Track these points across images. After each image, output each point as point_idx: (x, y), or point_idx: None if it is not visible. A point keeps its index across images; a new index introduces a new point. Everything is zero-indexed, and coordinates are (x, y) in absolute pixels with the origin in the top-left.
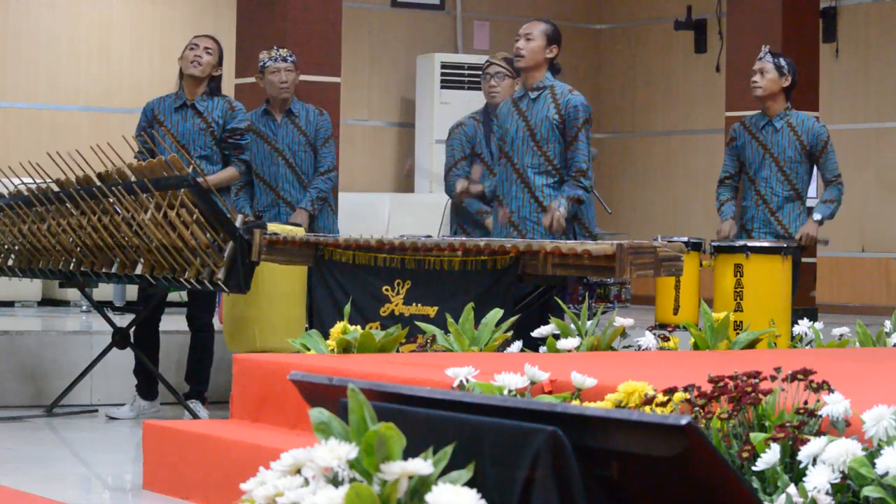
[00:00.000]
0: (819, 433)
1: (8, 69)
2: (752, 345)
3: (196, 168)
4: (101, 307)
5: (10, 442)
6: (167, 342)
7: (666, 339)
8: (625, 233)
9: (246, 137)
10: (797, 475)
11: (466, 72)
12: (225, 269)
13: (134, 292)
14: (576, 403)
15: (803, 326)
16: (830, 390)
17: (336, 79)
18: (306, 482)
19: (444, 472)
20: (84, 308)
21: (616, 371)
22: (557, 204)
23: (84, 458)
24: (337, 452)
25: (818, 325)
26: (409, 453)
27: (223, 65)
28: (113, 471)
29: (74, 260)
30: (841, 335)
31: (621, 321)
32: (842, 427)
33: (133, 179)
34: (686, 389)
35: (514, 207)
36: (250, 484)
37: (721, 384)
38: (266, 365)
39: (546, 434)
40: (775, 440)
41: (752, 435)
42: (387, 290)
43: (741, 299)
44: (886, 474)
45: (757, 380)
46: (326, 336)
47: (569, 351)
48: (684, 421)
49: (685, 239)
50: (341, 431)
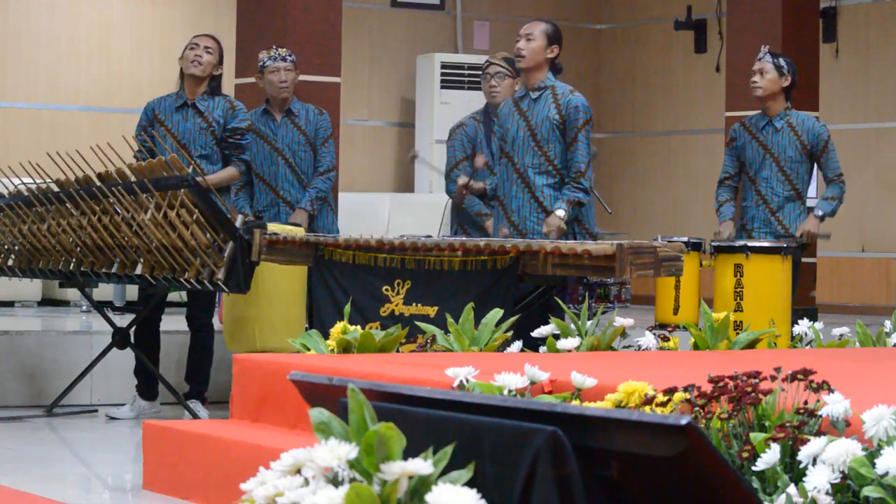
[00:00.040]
0: (819, 433)
1: (8, 69)
2: (752, 345)
3: (196, 168)
4: (101, 307)
5: (10, 442)
6: (167, 342)
7: (666, 339)
8: (625, 233)
9: (247, 137)
10: (797, 475)
11: (466, 72)
12: (225, 269)
13: (134, 292)
14: (576, 403)
15: (803, 326)
16: (830, 390)
17: (336, 79)
18: (306, 482)
19: (444, 472)
20: (84, 308)
21: (616, 371)
22: (557, 215)
23: (84, 458)
24: (337, 452)
25: (818, 325)
26: (409, 453)
27: (223, 64)
28: (113, 471)
29: (74, 260)
30: (841, 335)
31: (621, 321)
32: (842, 427)
33: (133, 179)
34: (686, 389)
35: (514, 207)
36: (250, 484)
37: (721, 384)
38: (266, 365)
39: (546, 434)
40: (775, 440)
41: (752, 435)
42: (387, 290)
43: (741, 299)
44: (886, 474)
45: (757, 380)
46: (326, 336)
47: (569, 351)
48: (684, 421)
49: (685, 239)
50: (341, 431)
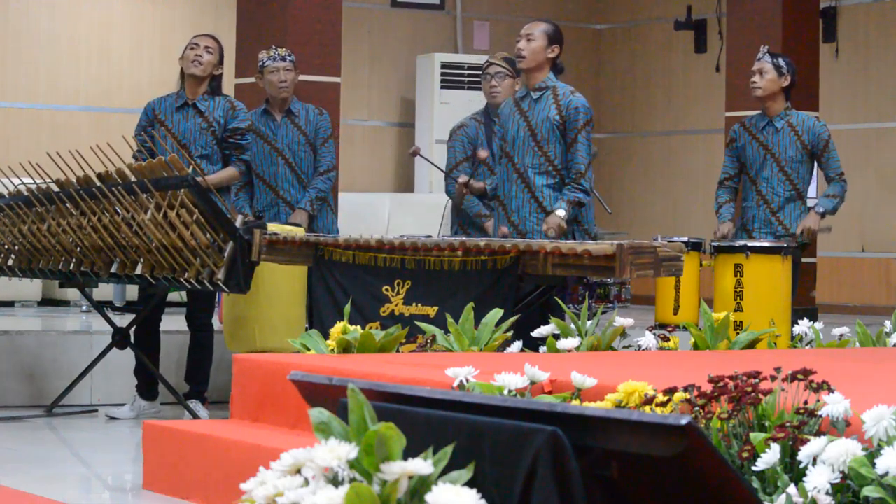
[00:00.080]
0: (819, 433)
1: (8, 69)
2: (752, 345)
3: (196, 168)
4: (101, 307)
5: (10, 442)
6: (167, 342)
7: (666, 339)
8: (625, 233)
9: (247, 137)
10: (797, 475)
11: (466, 72)
12: (225, 269)
13: (134, 292)
14: (576, 403)
15: (803, 326)
16: (830, 390)
17: (336, 79)
18: (306, 482)
19: (444, 472)
20: (84, 308)
21: (616, 371)
22: (558, 214)
23: (84, 458)
24: (337, 452)
25: (818, 325)
26: (409, 453)
27: (224, 64)
28: (113, 471)
29: (74, 260)
30: (841, 335)
31: (621, 321)
32: (842, 427)
33: (133, 179)
34: (686, 389)
35: (514, 207)
36: (250, 484)
37: (721, 384)
38: (266, 365)
39: (546, 434)
40: (775, 440)
41: (752, 435)
42: (387, 290)
43: (741, 299)
44: (886, 474)
45: (757, 380)
46: (326, 336)
47: (569, 351)
48: (684, 421)
49: (685, 239)
50: (341, 431)
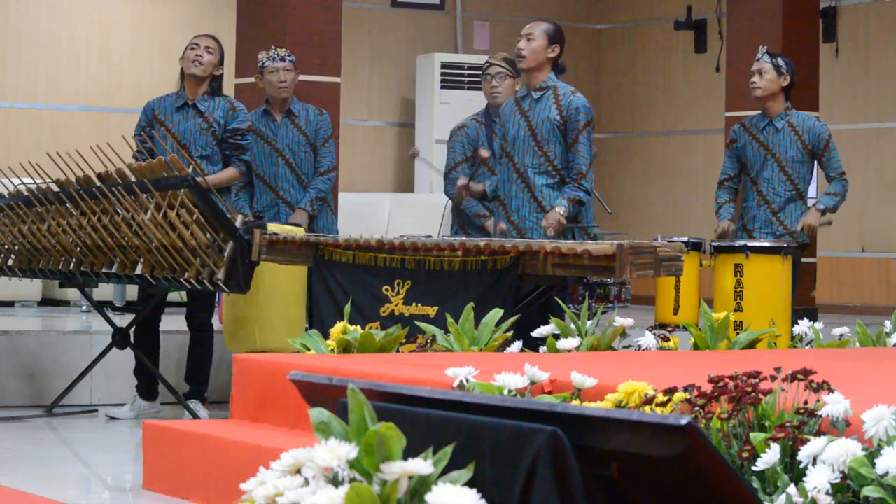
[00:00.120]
0: (819, 433)
1: (8, 69)
2: (752, 345)
3: (196, 168)
4: (101, 307)
5: (10, 442)
6: (167, 342)
7: (666, 339)
8: (625, 233)
9: (247, 137)
10: (797, 475)
11: (466, 72)
12: (225, 269)
13: (134, 292)
14: (576, 403)
15: (803, 326)
16: (830, 390)
17: (336, 79)
18: (306, 482)
19: (444, 472)
20: (84, 308)
21: (616, 371)
22: (557, 211)
23: (84, 458)
24: (337, 452)
25: (818, 325)
26: (409, 453)
27: (224, 64)
28: (113, 471)
29: (74, 260)
30: (841, 335)
31: (621, 321)
32: (842, 427)
33: (133, 179)
34: (686, 389)
35: (514, 207)
36: (250, 484)
37: (721, 384)
38: (266, 365)
39: (546, 434)
40: (775, 440)
41: (752, 435)
42: (387, 290)
43: (741, 299)
44: (886, 474)
45: (757, 380)
46: (326, 336)
47: (569, 351)
48: (684, 421)
49: (685, 239)
50: (341, 431)
